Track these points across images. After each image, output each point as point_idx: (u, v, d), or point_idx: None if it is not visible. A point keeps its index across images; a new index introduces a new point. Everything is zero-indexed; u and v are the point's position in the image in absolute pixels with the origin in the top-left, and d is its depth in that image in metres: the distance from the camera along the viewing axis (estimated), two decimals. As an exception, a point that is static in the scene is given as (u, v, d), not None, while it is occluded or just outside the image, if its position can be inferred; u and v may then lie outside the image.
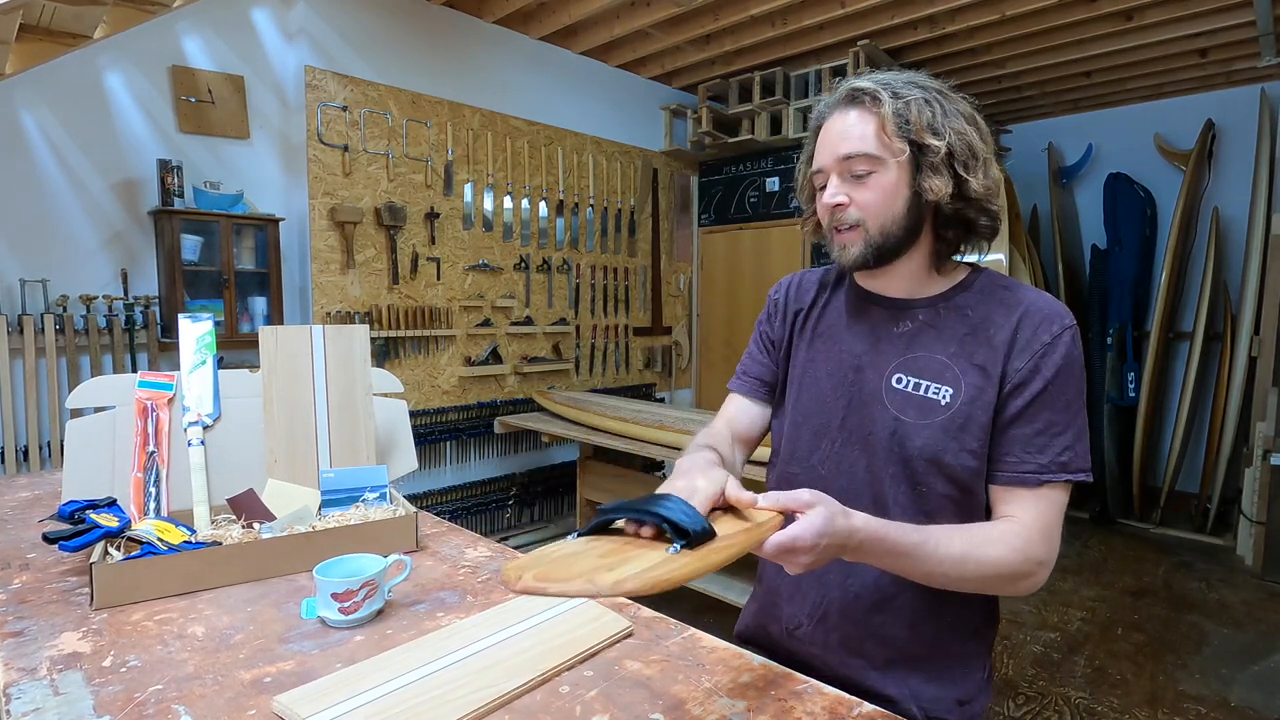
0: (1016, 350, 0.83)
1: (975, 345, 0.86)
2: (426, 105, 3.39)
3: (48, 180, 2.57)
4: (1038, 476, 0.82)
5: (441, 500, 3.56)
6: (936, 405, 0.85)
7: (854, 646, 0.92)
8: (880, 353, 0.91)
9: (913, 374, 0.88)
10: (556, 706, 0.76)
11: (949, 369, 0.86)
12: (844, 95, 0.87)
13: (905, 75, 0.87)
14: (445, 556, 1.22)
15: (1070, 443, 0.82)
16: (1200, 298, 4.07)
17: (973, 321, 0.87)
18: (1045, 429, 0.82)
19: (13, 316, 2.49)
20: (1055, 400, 0.82)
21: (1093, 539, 4.07)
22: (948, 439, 0.84)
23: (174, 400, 1.27)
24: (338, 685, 0.77)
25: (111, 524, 1.05)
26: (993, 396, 0.83)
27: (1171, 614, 3.09)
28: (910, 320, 0.90)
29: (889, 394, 0.88)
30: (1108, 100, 4.57)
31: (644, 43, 3.89)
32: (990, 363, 0.84)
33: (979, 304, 0.88)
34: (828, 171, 0.88)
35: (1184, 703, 2.39)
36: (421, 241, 3.41)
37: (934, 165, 0.83)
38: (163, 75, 2.78)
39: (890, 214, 0.85)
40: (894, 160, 0.84)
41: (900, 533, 0.74)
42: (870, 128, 0.84)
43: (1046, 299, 0.87)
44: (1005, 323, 0.85)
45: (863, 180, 0.85)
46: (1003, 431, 0.84)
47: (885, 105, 0.83)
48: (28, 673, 0.81)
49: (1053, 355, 0.82)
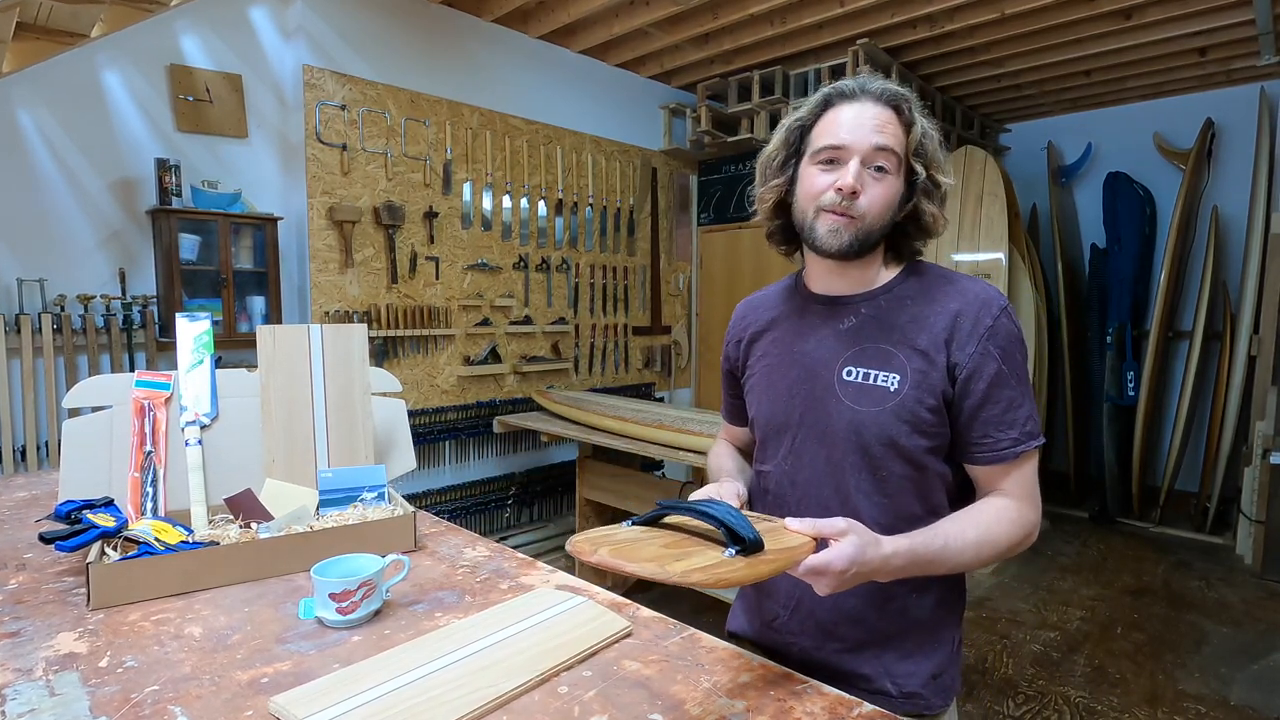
0: (961, 338, 0.88)
1: (917, 332, 0.90)
2: (425, 104, 3.39)
3: (45, 179, 2.57)
4: (1014, 450, 0.88)
5: (440, 500, 3.55)
6: (886, 392, 0.90)
7: (828, 631, 0.96)
8: (829, 349, 0.95)
9: (861, 365, 0.92)
10: (555, 707, 0.76)
11: (895, 356, 0.91)
12: (882, 92, 0.89)
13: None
14: (444, 556, 1.22)
15: (1030, 412, 0.89)
16: (1200, 297, 4.07)
17: (913, 310, 0.92)
18: (1009, 406, 0.88)
19: (10, 316, 2.49)
20: (1009, 378, 0.88)
21: (1092, 538, 4.07)
22: (900, 423, 0.89)
23: (171, 400, 1.26)
24: (335, 686, 0.76)
25: (108, 524, 1.05)
26: (939, 380, 0.88)
27: (1171, 613, 3.09)
28: (854, 315, 0.95)
29: (841, 387, 0.93)
30: (1107, 99, 4.57)
31: (643, 41, 3.88)
32: (932, 348, 0.89)
33: (918, 293, 0.93)
34: (854, 152, 0.87)
35: (1183, 702, 2.39)
36: (420, 241, 3.41)
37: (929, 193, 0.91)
38: (160, 74, 2.78)
39: (883, 219, 0.90)
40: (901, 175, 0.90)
41: (925, 546, 0.80)
42: (901, 137, 0.89)
43: (979, 284, 0.92)
44: (944, 310, 0.90)
45: (879, 178, 0.88)
46: (972, 416, 0.89)
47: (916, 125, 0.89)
48: (24, 673, 0.81)
49: (997, 337, 0.88)
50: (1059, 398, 4.59)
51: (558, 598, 1.00)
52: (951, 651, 0.97)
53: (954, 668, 0.97)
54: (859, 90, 0.90)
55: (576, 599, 0.99)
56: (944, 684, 0.95)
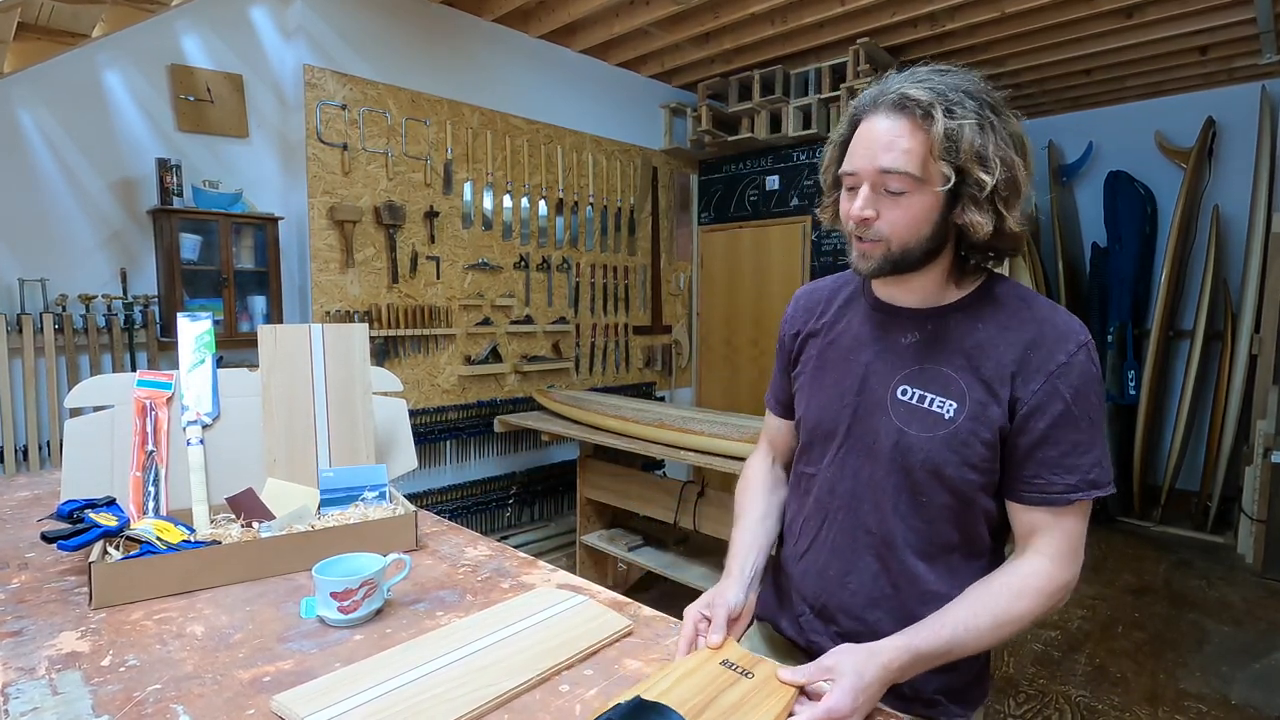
0: (1029, 372, 0.82)
1: (983, 359, 0.84)
2: (426, 104, 3.39)
3: (46, 179, 2.57)
4: (1066, 497, 0.82)
5: (441, 499, 3.56)
6: (941, 419, 0.85)
7: (848, 636, 0.93)
8: (887, 363, 0.91)
9: (918, 386, 0.88)
10: (556, 706, 0.76)
11: (955, 383, 0.85)
12: (894, 98, 0.81)
13: (959, 81, 0.82)
14: (445, 556, 1.22)
15: (1098, 459, 0.82)
16: (1200, 296, 4.06)
17: (983, 335, 0.86)
18: (1071, 450, 0.81)
19: (12, 316, 2.49)
20: (1078, 420, 0.81)
21: (1093, 537, 4.03)
22: (950, 452, 0.84)
23: (173, 399, 1.27)
24: (337, 685, 0.77)
25: (110, 523, 1.05)
26: (999, 415, 0.83)
27: (1172, 612, 3.09)
28: (919, 331, 0.89)
29: (894, 405, 0.89)
30: (1108, 98, 4.57)
31: (643, 41, 3.88)
32: (997, 380, 0.83)
33: (992, 316, 0.86)
34: (862, 177, 0.84)
35: (1184, 701, 2.39)
36: (421, 240, 3.41)
37: (976, 199, 0.80)
38: (161, 74, 2.78)
39: (916, 236, 0.83)
40: (934, 184, 0.80)
41: (929, 642, 0.77)
42: (916, 144, 0.80)
43: (1062, 315, 0.85)
44: (1017, 340, 0.84)
45: (896, 198, 0.82)
46: (1028, 454, 0.83)
47: (937, 125, 0.78)
48: (26, 672, 0.81)
49: (1069, 376, 0.81)
50: (1060, 397, 4.58)
51: (559, 596, 1.00)
52: (979, 666, 0.94)
53: (980, 679, 0.95)
54: (874, 102, 0.83)
55: (578, 598, 0.99)
56: (964, 694, 0.93)
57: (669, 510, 2.75)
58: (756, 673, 0.76)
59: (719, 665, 0.77)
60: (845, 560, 0.93)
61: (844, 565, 0.93)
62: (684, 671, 0.76)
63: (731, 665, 0.77)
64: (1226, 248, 4.20)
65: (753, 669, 0.77)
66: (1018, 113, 0.85)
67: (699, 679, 0.75)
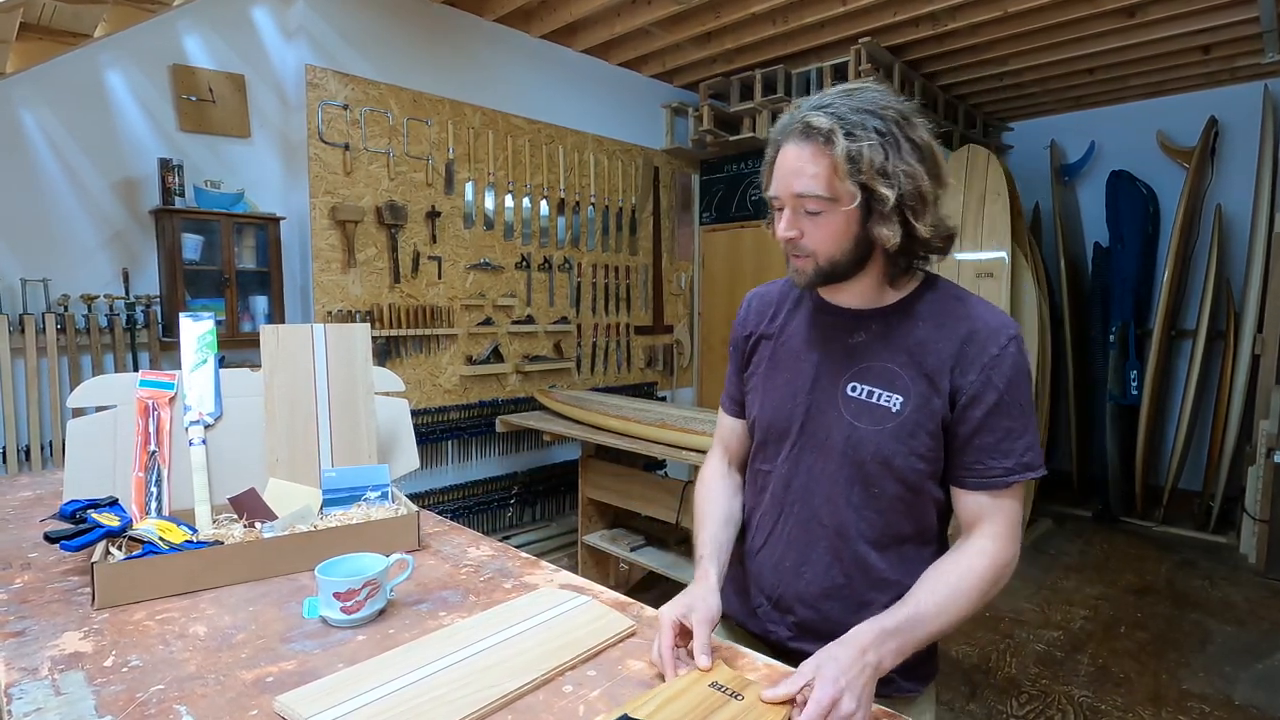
0: (965, 364, 0.88)
1: (924, 355, 0.91)
2: (427, 104, 3.39)
3: (48, 179, 2.57)
4: (1004, 480, 0.88)
5: (443, 499, 3.56)
6: (888, 412, 0.91)
7: (808, 628, 0.98)
8: (836, 362, 0.96)
9: (866, 382, 0.93)
10: (559, 706, 0.76)
11: (900, 377, 0.91)
12: (799, 126, 0.86)
13: (864, 101, 0.86)
14: (447, 556, 1.22)
15: (1030, 444, 0.89)
16: (1203, 295, 4.06)
17: (922, 332, 0.92)
18: (1006, 436, 0.88)
19: (14, 316, 2.49)
20: (1011, 408, 0.88)
21: (1095, 537, 4.06)
22: (898, 444, 0.90)
23: (175, 399, 1.27)
24: (340, 685, 0.77)
25: (113, 523, 1.05)
26: (941, 406, 0.89)
27: (1175, 612, 3.08)
28: (864, 331, 0.95)
29: (844, 401, 0.94)
30: (1110, 97, 4.56)
31: (645, 41, 3.88)
32: (937, 373, 0.89)
33: (930, 314, 0.93)
34: (783, 201, 0.90)
35: (1187, 701, 2.39)
36: (422, 240, 3.41)
37: (883, 213, 0.85)
38: (163, 74, 2.78)
39: (839, 249, 0.89)
40: (847, 200, 0.85)
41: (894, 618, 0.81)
42: (822, 168, 0.85)
43: (993, 312, 0.92)
44: (953, 335, 0.90)
45: (815, 218, 0.88)
46: (967, 442, 0.89)
47: (838, 146, 0.83)
48: (29, 673, 0.81)
49: (1002, 367, 0.88)
50: (1062, 397, 4.58)
51: (561, 597, 1.00)
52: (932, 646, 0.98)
53: (929, 656, 1.00)
54: (784, 130, 0.89)
55: (580, 598, 0.99)
56: (915, 670, 0.97)
57: (671, 510, 2.75)
58: (746, 695, 0.75)
59: (708, 688, 0.77)
60: (800, 552, 0.98)
61: (799, 557, 0.98)
62: (672, 693, 0.75)
63: (721, 688, 0.77)
64: (1229, 247, 4.20)
65: (743, 691, 0.76)
66: (928, 122, 0.90)
67: (687, 701, 0.74)
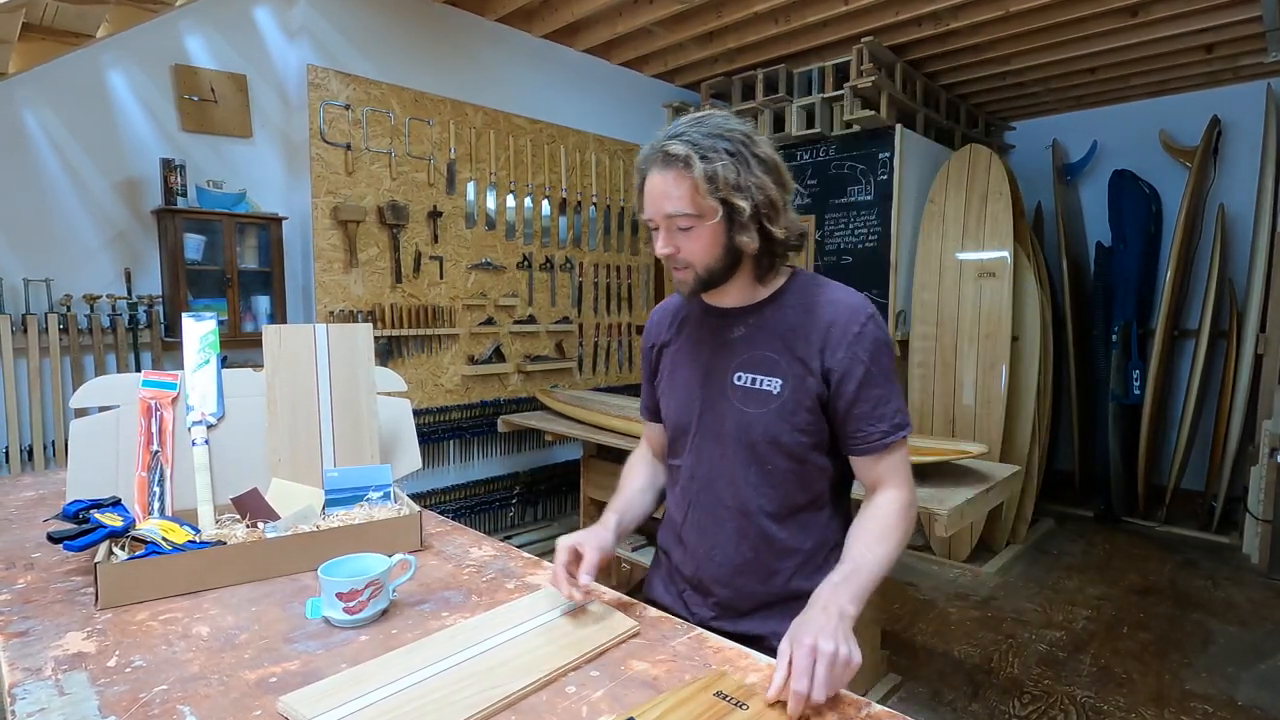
0: (833, 345, 0.99)
1: (795, 340, 1.02)
2: (429, 103, 3.39)
3: (51, 180, 2.57)
4: (884, 441, 1.00)
5: (445, 499, 3.56)
6: (770, 395, 1.02)
7: (726, 604, 1.08)
8: (722, 357, 1.07)
9: (749, 370, 1.04)
10: (563, 707, 0.76)
11: (777, 364, 1.02)
12: (660, 155, 0.96)
13: (712, 127, 0.96)
14: (450, 556, 1.22)
15: (897, 406, 1.01)
16: (1206, 295, 4.05)
17: (793, 320, 1.03)
18: (878, 403, 0.99)
19: (17, 316, 2.49)
20: (877, 378, 0.99)
21: (1097, 537, 4.05)
22: (781, 422, 1.01)
23: (178, 400, 1.27)
24: (343, 686, 0.77)
25: (116, 523, 1.05)
26: (815, 385, 1.00)
27: (1177, 613, 3.08)
28: (743, 325, 1.06)
29: (732, 390, 1.05)
30: (1112, 97, 4.55)
31: (646, 40, 3.87)
32: (809, 356, 1.00)
33: (798, 303, 1.04)
34: (657, 222, 0.99)
35: (1190, 701, 2.38)
36: (424, 240, 3.41)
37: (742, 223, 0.96)
38: (165, 74, 2.78)
39: (713, 256, 0.99)
40: (711, 213, 0.95)
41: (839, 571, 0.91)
42: (685, 189, 0.94)
43: (849, 294, 1.03)
44: (819, 320, 1.01)
45: (686, 233, 0.98)
46: (847, 414, 1.00)
47: (696, 169, 0.93)
48: (33, 673, 0.81)
49: (864, 342, 0.99)
50: (1064, 397, 4.58)
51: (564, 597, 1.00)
52: None
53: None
54: (647, 160, 0.98)
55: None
56: None
57: (672, 510, 2.74)
58: (751, 704, 0.75)
59: (712, 696, 0.77)
60: (710, 536, 1.08)
61: (710, 540, 1.08)
62: (675, 702, 0.75)
63: (725, 696, 0.77)
64: (1232, 247, 4.19)
65: (747, 700, 0.76)
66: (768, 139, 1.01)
67: (691, 709, 0.74)
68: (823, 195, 4.05)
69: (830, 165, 4.00)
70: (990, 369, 3.61)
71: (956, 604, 3.16)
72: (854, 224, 3.94)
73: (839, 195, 3.98)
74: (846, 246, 3.98)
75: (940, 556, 3.67)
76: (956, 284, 3.73)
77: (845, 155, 3.93)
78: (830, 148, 3.99)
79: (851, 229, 3.95)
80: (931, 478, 2.09)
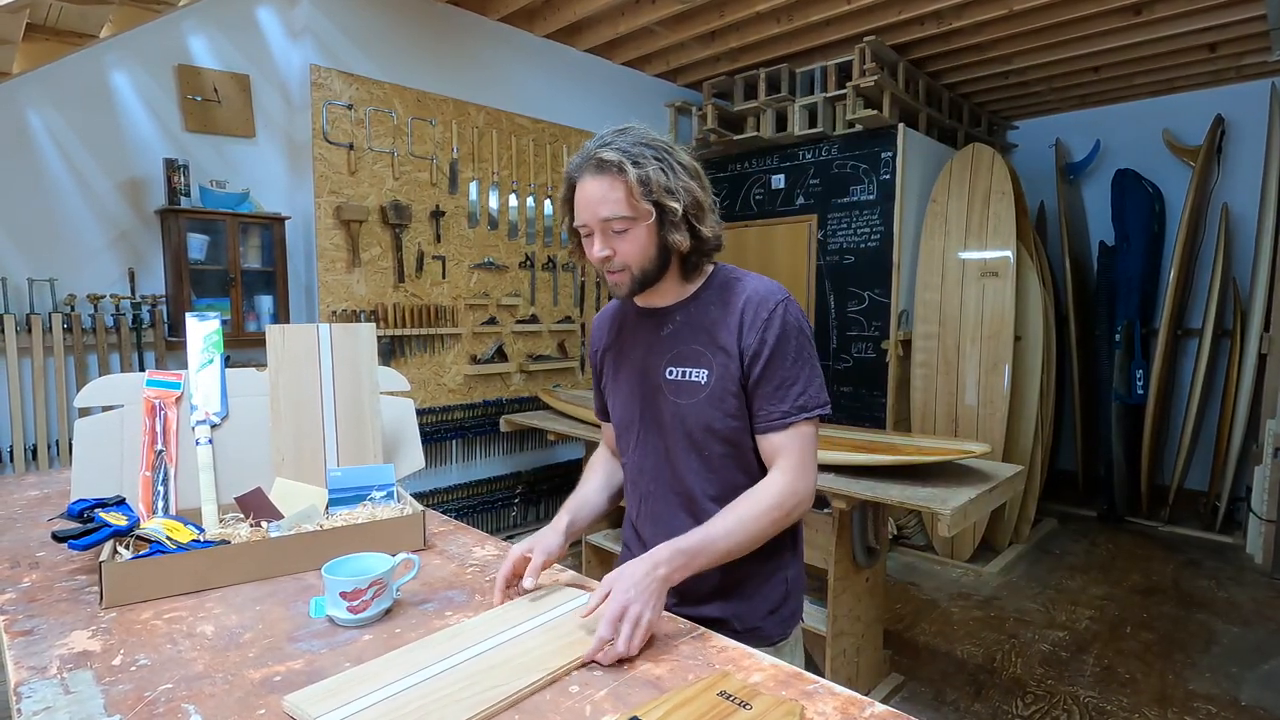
0: (745, 329, 1.04)
1: (718, 331, 1.06)
2: (431, 103, 3.39)
3: (54, 180, 2.58)
4: (783, 421, 1.03)
5: (447, 498, 3.56)
6: (699, 385, 1.06)
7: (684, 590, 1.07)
8: (655, 354, 1.11)
9: (679, 364, 1.09)
10: (566, 706, 0.76)
11: (704, 355, 1.07)
12: (593, 163, 1.00)
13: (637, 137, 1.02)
14: (453, 555, 1.22)
15: (803, 389, 1.03)
16: (1209, 294, 4.04)
17: (715, 313, 1.08)
18: (780, 384, 1.03)
19: (21, 316, 2.50)
20: (783, 360, 1.03)
21: (1100, 537, 4.05)
22: (712, 409, 1.05)
23: (182, 399, 1.27)
24: (347, 685, 0.77)
25: (120, 523, 1.05)
26: (737, 369, 1.04)
27: (1180, 613, 3.07)
28: (671, 323, 1.11)
29: (666, 385, 1.10)
30: (1115, 96, 4.54)
31: (649, 40, 3.87)
32: (729, 344, 1.05)
33: (718, 297, 1.09)
34: (592, 227, 1.02)
35: (1194, 702, 2.38)
36: (427, 240, 3.41)
37: (675, 223, 1.01)
38: (168, 74, 2.79)
39: (647, 257, 1.03)
40: (645, 215, 1.00)
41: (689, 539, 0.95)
42: (620, 193, 0.99)
43: (764, 283, 1.08)
44: (736, 308, 1.06)
45: (621, 235, 1.02)
46: (752, 394, 1.05)
47: (630, 173, 0.97)
48: (38, 671, 0.81)
49: (772, 327, 1.03)
50: (1066, 396, 4.57)
51: (567, 595, 1.00)
52: (785, 591, 1.14)
53: (790, 603, 1.14)
54: (579, 168, 1.02)
55: (584, 596, 0.98)
56: (781, 617, 1.13)
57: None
58: (755, 705, 0.76)
59: (716, 696, 0.77)
60: (664, 525, 1.11)
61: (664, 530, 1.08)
62: (679, 701, 0.75)
63: (729, 696, 0.77)
64: (1235, 246, 4.18)
65: (751, 700, 0.76)
66: (688, 148, 1.08)
67: (695, 709, 0.74)
68: (825, 195, 4.05)
69: (832, 165, 4.00)
70: (993, 369, 3.60)
71: (959, 604, 3.15)
72: (856, 224, 3.93)
73: (841, 195, 3.97)
74: (849, 246, 3.98)
75: (943, 556, 3.66)
76: (959, 284, 3.72)
77: (847, 155, 3.93)
78: (832, 147, 3.99)
79: (854, 229, 3.95)
80: (934, 477, 2.09)
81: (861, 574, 2.33)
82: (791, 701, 0.76)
